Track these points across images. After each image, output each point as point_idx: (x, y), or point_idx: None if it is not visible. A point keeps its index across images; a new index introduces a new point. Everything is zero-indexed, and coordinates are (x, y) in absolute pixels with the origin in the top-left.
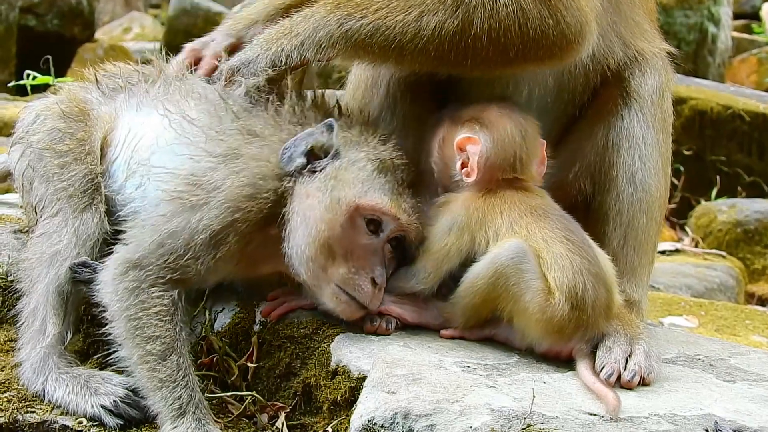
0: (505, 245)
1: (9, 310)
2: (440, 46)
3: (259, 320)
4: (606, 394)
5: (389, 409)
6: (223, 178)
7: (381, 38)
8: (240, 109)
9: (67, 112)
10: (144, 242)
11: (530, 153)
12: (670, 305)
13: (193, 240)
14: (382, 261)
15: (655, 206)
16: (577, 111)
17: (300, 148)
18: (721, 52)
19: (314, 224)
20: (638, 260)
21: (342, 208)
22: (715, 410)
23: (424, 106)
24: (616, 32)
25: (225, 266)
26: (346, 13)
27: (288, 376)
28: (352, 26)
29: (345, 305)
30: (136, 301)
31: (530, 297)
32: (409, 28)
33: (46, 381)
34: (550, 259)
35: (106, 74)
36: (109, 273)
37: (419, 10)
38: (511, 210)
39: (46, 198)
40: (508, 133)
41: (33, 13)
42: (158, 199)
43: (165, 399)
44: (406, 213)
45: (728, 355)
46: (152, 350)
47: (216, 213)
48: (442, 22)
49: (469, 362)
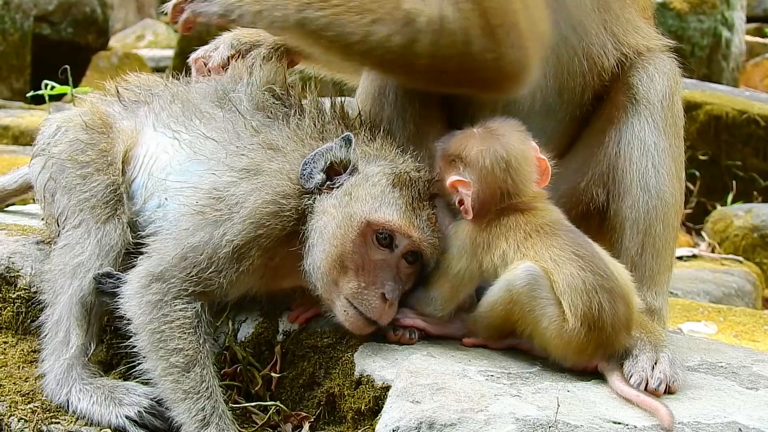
0: (517, 270)
1: (32, 321)
2: (384, 56)
3: (282, 330)
4: (657, 407)
5: (414, 418)
6: (245, 193)
7: (331, 34)
8: (259, 123)
9: (90, 124)
10: (167, 255)
11: (518, 180)
12: (688, 311)
13: (216, 254)
14: (395, 277)
15: (671, 213)
16: (583, 114)
17: (319, 164)
18: (735, 57)
19: (328, 240)
20: (657, 268)
21: (353, 224)
22: (739, 418)
23: (433, 113)
24: (609, 31)
25: (248, 280)
26: (306, 1)
27: (312, 385)
28: (308, 15)
29: (353, 320)
30: (159, 315)
31: (546, 324)
32: (358, 31)
33: (70, 392)
34: (561, 281)
35: (127, 87)
36: (132, 286)
37: (372, 17)
38: (516, 233)
39: (69, 209)
40: (489, 170)
41: (47, 21)
42: (180, 214)
43: (189, 410)
44: (418, 229)
45: (750, 362)
46: (176, 362)
47: (239, 228)
48: (389, 34)
49: (492, 371)
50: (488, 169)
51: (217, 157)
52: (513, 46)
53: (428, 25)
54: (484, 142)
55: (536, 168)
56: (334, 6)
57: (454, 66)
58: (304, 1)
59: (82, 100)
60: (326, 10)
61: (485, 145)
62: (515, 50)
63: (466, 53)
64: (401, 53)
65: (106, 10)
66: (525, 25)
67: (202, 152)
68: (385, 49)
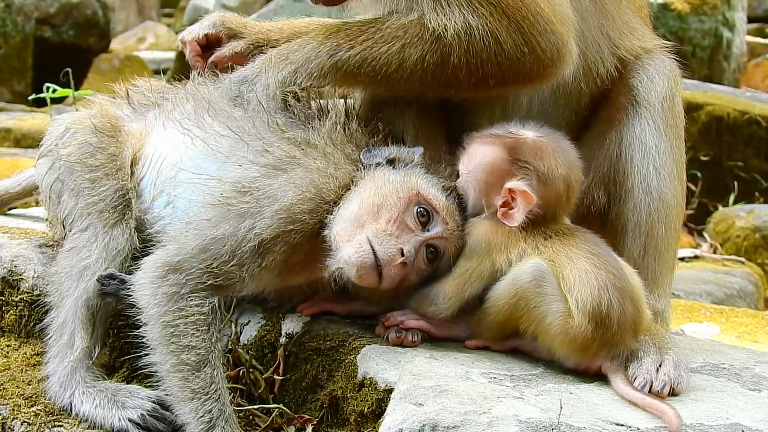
0: (524, 266)
1: (35, 324)
2: (424, 77)
3: (285, 333)
4: (665, 410)
5: (417, 421)
6: (280, 188)
7: (368, 68)
8: (283, 122)
9: (99, 126)
10: (187, 245)
11: (571, 201)
12: (690, 312)
13: (240, 247)
14: (418, 249)
15: (673, 215)
16: (580, 118)
17: (384, 153)
18: (736, 57)
19: (371, 193)
20: (659, 270)
21: (404, 187)
22: (742, 419)
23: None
24: (605, 34)
25: (267, 276)
26: (335, 44)
27: (315, 388)
28: (341, 57)
29: (363, 256)
30: (174, 308)
31: (551, 320)
32: (393, 59)
33: (74, 395)
34: (574, 276)
35: (137, 90)
36: (147, 275)
37: (401, 43)
38: (536, 235)
39: (76, 212)
40: (556, 191)
41: (49, 24)
42: (200, 205)
43: (195, 411)
44: (455, 222)
45: (753, 364)
46: (187, 360)
47: (268, 222)
48: (422, 55)
49: (495, 373)
50: (557, 190)
51: (238, 153)
52: (543, 33)
53: (457, 37)
54: (559, 160)
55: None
56: (362, 42)
57: (493, 68)
58: (332, 45)
59: (91, 102)
60: (356, 48)
61: (561, 164)
62: (547, 36)
63: (500, 53)
64: (440, 70)
65: (107, 12)
66: (548, 11)
67: (219, 149)
68: (423, 70)
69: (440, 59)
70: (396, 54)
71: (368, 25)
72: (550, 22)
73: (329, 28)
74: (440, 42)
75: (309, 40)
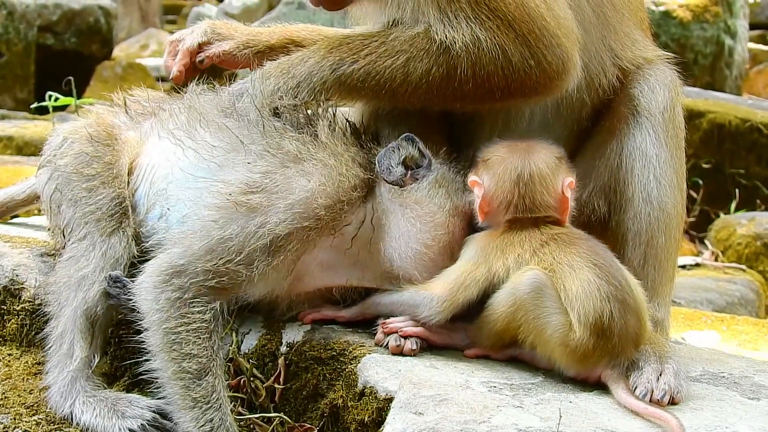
0: (523, 277)
1: (36, 333)
2: (429, 90)
3: (285, 342)
4: (668, 418)
5: (417, 430)
6: (296, 177)
7: (372, 83)
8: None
9: (95, 136)
10: (192, 247)
11: (526, 196)
12: (691, 320)
13: (250, 244)
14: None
15: (673, 224)
16: (582, 129)
17: (394, 158)
18: (738, 65)
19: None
20: (659, 279)
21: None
22: (740, 428)
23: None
24: (607, 46)
25: (274, 277)
26: (338, 59)
27: (315, 397)
28: (344, 71)
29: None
30: (176, 314)
31: (551, 332)
32: (397, 74)
33: (74, 404)
34: (576, 288)
35: (134, 99)
36: (150, 279)
37: (406, 57)
38: (533, 240)
39: (74, 221)
40: (500, 179)
41: (51, 31)
42: (205, 207)
43: (196, 420)
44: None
45: (752, 373)
46: (188, 368)
47: (281, 218)
48: (428, 69)
49: (495, 382)
50: (500, 178)
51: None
52: (550, 47)
53: (465, 49)
54: (508, 153)
55: (554, 193)
56: (366, 56)
57: (500, 81)
58: (335, 59)
59: (89, 112)
60: (360, 62)
61: (507, 155)
62: (553, 49)
63: (507, 66)
64: (446, 84)
65: (110, 19)
66: (554, 24)
67: (212, 159)
68: (429, 83)
69: (446, 72)
70: (401, 68)
71: (371, 38)
72: (555, 36)
73: (332, 42)
74: (447, 55)
75: (311, 54)
